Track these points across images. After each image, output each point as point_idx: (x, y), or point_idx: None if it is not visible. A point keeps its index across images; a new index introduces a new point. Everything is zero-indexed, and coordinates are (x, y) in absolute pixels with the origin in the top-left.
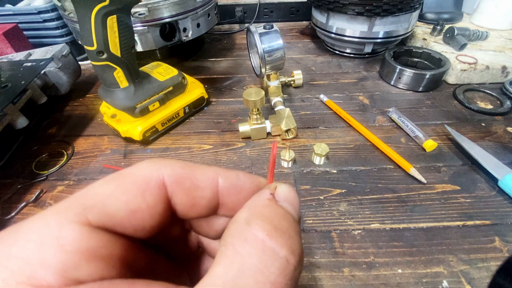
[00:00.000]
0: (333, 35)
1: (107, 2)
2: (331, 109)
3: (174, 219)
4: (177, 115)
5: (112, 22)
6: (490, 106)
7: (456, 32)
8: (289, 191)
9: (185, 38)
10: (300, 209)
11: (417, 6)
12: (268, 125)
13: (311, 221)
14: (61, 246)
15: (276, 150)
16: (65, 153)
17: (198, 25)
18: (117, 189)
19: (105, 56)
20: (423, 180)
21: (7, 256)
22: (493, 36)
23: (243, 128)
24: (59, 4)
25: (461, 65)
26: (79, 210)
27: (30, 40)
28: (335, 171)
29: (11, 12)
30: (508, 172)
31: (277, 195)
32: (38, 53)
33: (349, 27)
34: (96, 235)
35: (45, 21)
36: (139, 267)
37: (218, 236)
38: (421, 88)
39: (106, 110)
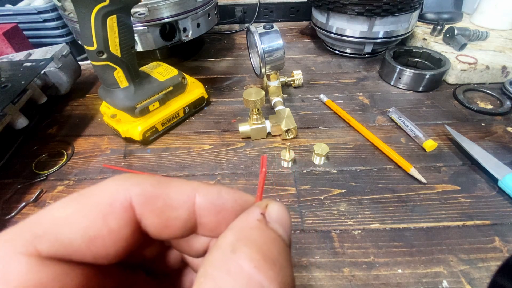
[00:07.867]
0: (333, 35)
1: (107, 2)
2: (331, 109)
3: (148, 239)
4: (177, 115)
5: (112, 22)
6: (490, 106)
7: (456, 32)
8: (282, 211)
9: (185, 38)
10: (293, 224)
11: (417, 6)
12: (268, 125)
13: (311, 221)
14: (6, 282)
15: (266, 164)
16: (65, 153)
17: (198, 25)
18: (74, 213)
19: (105, 56)
20: (423, 180)
21: None
22: (493, 36)
23: (243, 128)
24: (59, 4)
25: (461, 65)
26: (28, 239)
27: (30, 40)
28: (335, 171)
29: (11, 12)
30: (508, 172)
31: (268, 215)
32: (38, 53)
33: (349, 27)
34: (46, 267)
35: (45, 21)
36: None
37: (200, 255)
38: (421, 88)
39: (106, 110)
